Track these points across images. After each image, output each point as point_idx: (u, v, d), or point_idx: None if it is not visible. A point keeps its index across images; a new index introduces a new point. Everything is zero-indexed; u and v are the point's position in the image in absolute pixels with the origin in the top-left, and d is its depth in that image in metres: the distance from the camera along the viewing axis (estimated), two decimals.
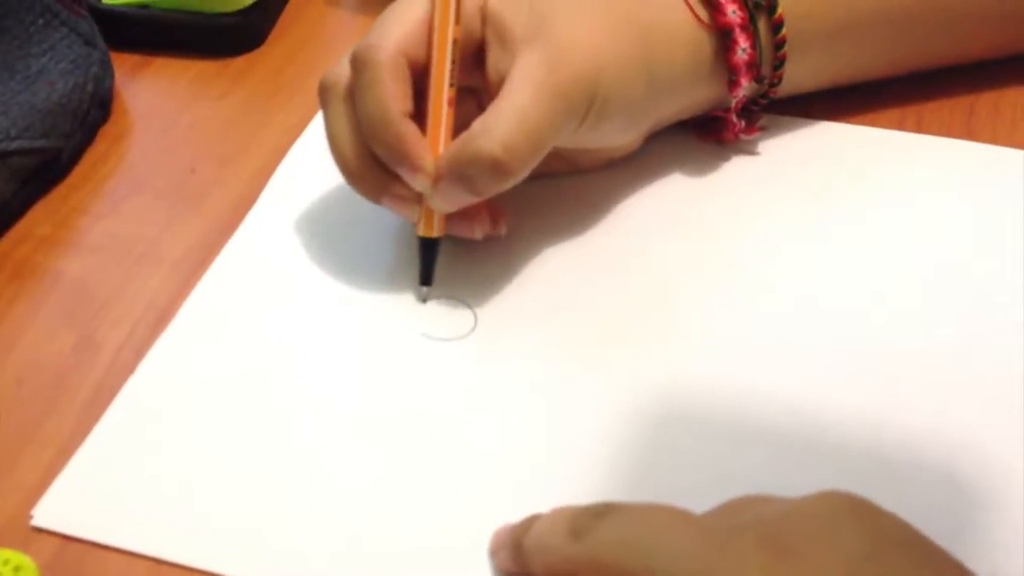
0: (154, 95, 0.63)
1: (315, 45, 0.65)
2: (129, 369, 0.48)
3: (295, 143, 0.58)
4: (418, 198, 0.49)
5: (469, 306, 0.50)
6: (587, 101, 0.48)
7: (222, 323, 0.50)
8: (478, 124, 0.47)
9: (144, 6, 0.64)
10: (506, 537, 0.41)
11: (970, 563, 0.34)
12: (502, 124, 0.46)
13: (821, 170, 0.55)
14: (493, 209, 0.51)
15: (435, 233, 0.50)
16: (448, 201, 0.48)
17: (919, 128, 0.57)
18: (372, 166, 0.49)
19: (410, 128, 0.47)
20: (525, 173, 0.48)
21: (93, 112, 0.59)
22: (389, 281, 0.51)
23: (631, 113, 0.51)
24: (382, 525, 0.43)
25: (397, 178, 0.48)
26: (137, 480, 0.45)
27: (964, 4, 0.55)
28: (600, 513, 0.37)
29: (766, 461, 0.44)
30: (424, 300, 0.50)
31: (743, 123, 0.55)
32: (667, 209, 0.54)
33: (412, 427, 0.46)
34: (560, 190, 0.54)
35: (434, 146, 0.48)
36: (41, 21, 0.58)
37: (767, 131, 0.57)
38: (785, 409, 0.46)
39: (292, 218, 0.54)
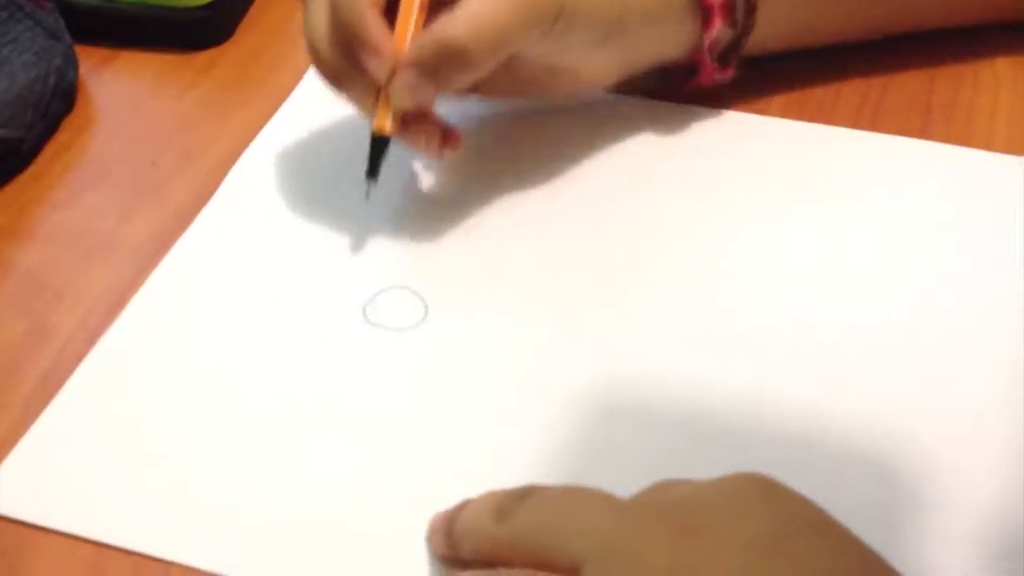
0: (119, 88, 0.64)
1: (281, 41, 0.66)
2: (79, 357, 0.49)
3: (256, 138, 0.59)
4: (376, 91, 0.50)
5: (420, 296, 0.51)
6: (557, 5, 0.49)
7: (174, 313, 0.51)
8: (446, 15, 0.48)
9: (111, 0, 0.64)
10: (440, 522, 0.41)
11: (904, 554, 0.35)
12: (470, 13, 0.47)
13: (773, 166, 0.56)
14: (447, 129, 0.52)
15: (388, 130, 0.50)
16: (408, 89, 0.49)
17: (874, 125, 0.58)
18: (340, 55, 0.50)
19: (376, 15, 0.49)
20: (488, 66, 0.49)
21: (55, 104, 0.59)
22: (341, 274, 0.52)
23: (599, 30, 0.51)
24: (327, 510, 0.43)
25: (360, 69, 0.50)
26: (83, 466, 0.45)
27: None
28: (522, 495, 0.38)
29: (707, 449, 0.44)
30: (367, 195, 0.52)
31: (717, 66, 0.56)
32: (623, 198, 0.54)
33: (358, 415, 0.46)
34: (518, 161, 0.55)
35: (401, 39, 0.49)
36: (5, 14, 0.58)
37: (725, 126, 0.57)
38: (728, 398, 0.46)
39: (249, 211, 0.55)
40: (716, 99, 0.58)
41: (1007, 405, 0.45)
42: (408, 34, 0.49)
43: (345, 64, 0.50)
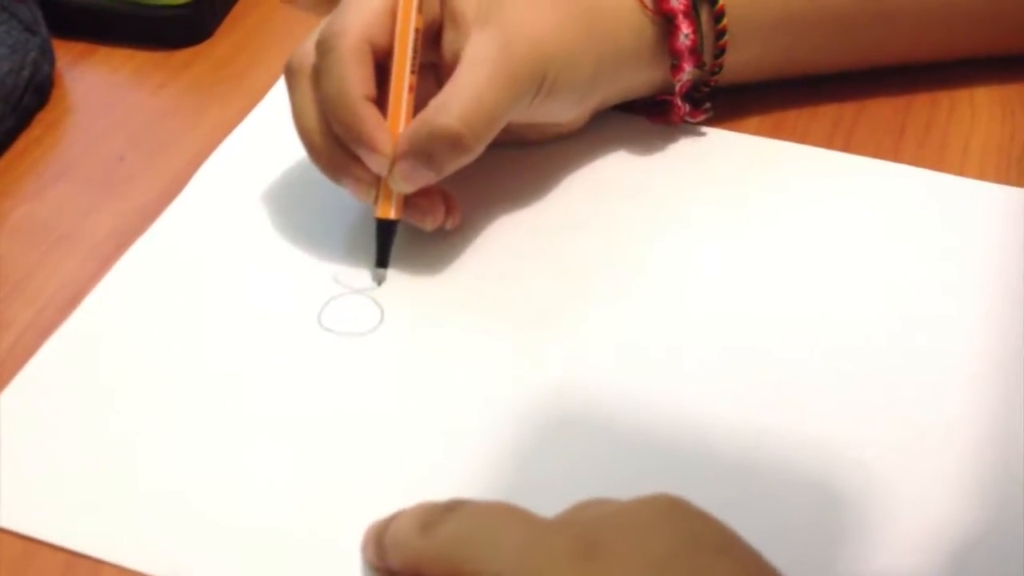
0: (94, 83, 0.64)
1: (261, 42, 0.66)
2: (32, 350, 0.49)
3: (227, 138, 0.58)
4: (375, 181, 0.50)
5: (376, 302, 0.50)
6: (538, 79, 0.50)
7: (130, 310, 0.50)
8: (435, 102, 0.48)
9: None
10: (372, 532, 0.41)
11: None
12: (459, 101, 0.48)
13: (742, 183, 0.56)
14: (448, 200, 0.52)
15: (393, 215, 0.50)
16: (407, 179, 0.49)
17: (847, 146, 0.57)
18: (334, 146, 0.50)
19: (370, 110, 0.49)
20: (482, 147, 0.49)
21: (28, 97, 0.59)
22: (299, 278, 0.52)
23: (578, 91, 0.53)
24: (268, 515, 0.43)
25: (357, 159, 0.50)
26: (21, 460, 0.45)
27: (900, 4, 0.56)
28: (447, 509, 0.38)
29: (651, 466, 0.44)
30: (379, 283, 0.51)
31: (688, 107, 0.56)
32: (590, 212, 0.54)
33: (305, 419, 0.46)
34: (485, 171, 0.54)
35: (394, 129, 0.49)
36: None
37: (698, 141, 0.57)
38: (676, 415, 0.46)
39: (213, 212, 0.55)
40: None
41: (956, 425, 0.45)
42: (401, 121, 0.49)
43: (342, 156, 0.50)
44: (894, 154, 0.57)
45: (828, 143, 0.58)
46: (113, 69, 0.64)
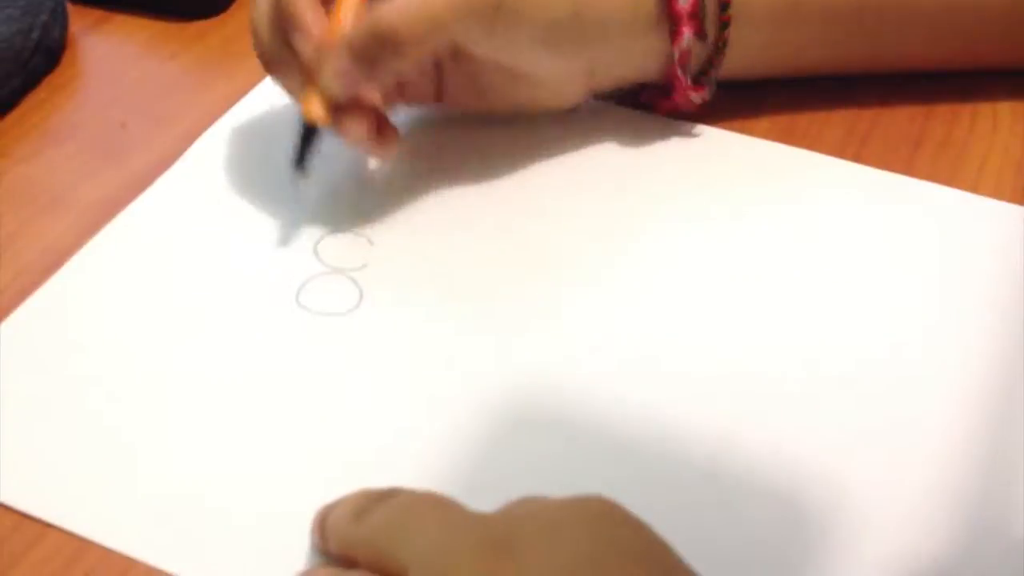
0: (107, 50, 0.63)
1: None
2: (8, 312, 0.49)
3: (227, 112, 0.58)
4: (306, 79, 0.49)
5: (356, 282, 0.50)
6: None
7: (111, 276, 0.50)
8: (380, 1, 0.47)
9: None
10: (317, 516, 0.40)
11: None
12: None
13: (731, 183, 0.54)
14: (383, 124, 0.51)
15: (316, 116, 0.49)
16: (338, 75, 0.48)
17: (859, 155, 0.56)
18: (277, 39, 0.49)
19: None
20: (419, 52, 0.48)
21: (37, 59, 0.59)
22: (283, 255, 0.51)
23: (550, 29, 0.50)
24: (225, 491, 0.43)
25: (294, 53, 0.49)
26: None
27: (916, 5, 0.54)
28: (380, 498, 0.38)
29: (608, 465, 0.43)
30: (297, 188, 0.51)
31: (689, 80, 0.54)
32: (579, 206, 0.53)
33: (278, 397, 0.46)
34: (476, 158, 0.54)
35: (335, 25, 0.48)
36: None
37: (696, 141, 0.56)
38: (645, 416, 0.45)
39: (204, 185, 0.54)
40: (699, 119, 0.57)
41: (934, 447, 0.44)
42: (346, 21, 0.48)
43: (280, 47, 0.49)
44: (907, 166, 0.55)
45: (840, 150, 0.56)
46: (127, 37, 0.64)
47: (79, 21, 0.63)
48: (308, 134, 0.50)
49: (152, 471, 0.43)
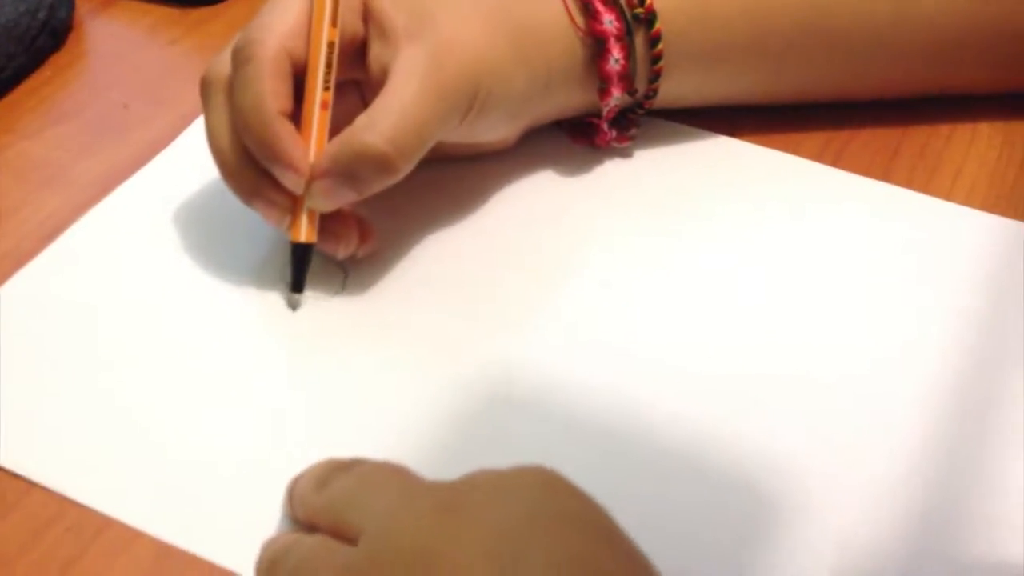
0: (112, 33, 0.65)
1: None
2: (7, 277, 0.50)
3: None
4: (290, 203, 0.48)
5: (342, 267, 0.51)
6: (470, 96, 0.48)
7: (105, 250, 0.52)
8: (362, 119, 0.46)
9: None
10: (289, 486, 0.42)
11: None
12: (387, 119, 0.45)
13: (697, 183, 0.56)
14: (363, 226, 0.50)
15: (306, 238, 0.48)
16: (329, 198, 0.47)
17: (837, 162, 0.57)
18: (248, 165, 0.48)
19: (285, 126, 0.46)
20: (408, 168, 0.47)
21: (42, 39, 0.61)
22: (272, 232, 0.52)
23: (510, 109, 0.51)
24: (209, 461, 0.44)
25: (271, 180, 0.47)
26: None
27: (848, 38, 0.55)
28: (344, 467, 0.40)
29: (582, 450, 0.45)
30: (295, 308, 0.50)
31: (615, 132, 0.55)
32: (536, 207, 0.54)
33: (258, 373, 0.47)
34: (427, 184, 0.54)
35: (308, 143, 0.47)
36: None
37: (654, 138, 0.57)
38: (620, 407, 0.46)
39: (202, 162, 0.55)
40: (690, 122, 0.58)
41: (900, 449, 0.45)
42: (312, 139, 0.47)
43: (255, 176, 0.47)
44: (884, 174, 0.57)
45: (818, 157, 0.58)
46: (132, 20, 0.65)
47: (85, 4, 0.65)
48: (302, 255, 0.49)
49: (134, 435, 0.45)
